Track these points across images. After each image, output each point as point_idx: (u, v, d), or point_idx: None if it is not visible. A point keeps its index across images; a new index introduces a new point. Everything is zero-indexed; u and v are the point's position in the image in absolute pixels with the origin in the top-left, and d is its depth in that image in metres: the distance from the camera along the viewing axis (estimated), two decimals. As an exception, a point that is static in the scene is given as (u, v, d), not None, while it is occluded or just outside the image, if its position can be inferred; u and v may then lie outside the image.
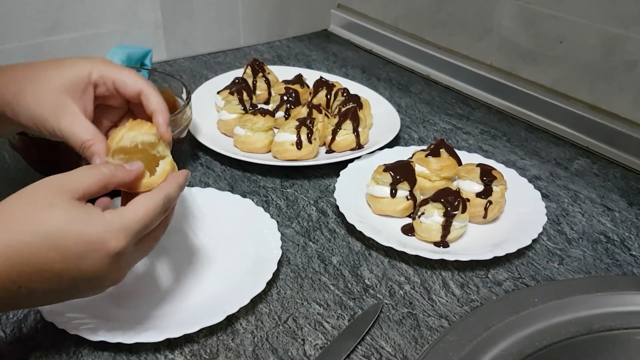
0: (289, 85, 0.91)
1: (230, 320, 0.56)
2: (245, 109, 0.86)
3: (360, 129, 0.81)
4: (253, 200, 0.71)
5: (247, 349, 0.53)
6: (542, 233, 0.67)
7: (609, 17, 0.81)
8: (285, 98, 0.88)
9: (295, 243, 0.67)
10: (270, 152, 0.81)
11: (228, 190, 0.73)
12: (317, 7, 1.29)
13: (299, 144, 0.77)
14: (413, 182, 0.70)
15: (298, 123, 0.78)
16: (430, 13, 1.09)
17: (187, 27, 1.13)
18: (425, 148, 0.75)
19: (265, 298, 0.59)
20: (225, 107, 0.86)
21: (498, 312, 0.54)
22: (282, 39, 1.26)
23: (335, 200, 0.70)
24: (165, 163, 0.52)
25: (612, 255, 0.66)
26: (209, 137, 0.84)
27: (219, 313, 0.54)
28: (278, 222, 0.67)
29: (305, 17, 1.28)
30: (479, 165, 0.70)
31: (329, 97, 0.90)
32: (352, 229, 0.67)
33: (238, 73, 0.99)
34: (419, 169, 0.72)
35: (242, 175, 0.79)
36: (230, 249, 0.64)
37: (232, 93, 0.87)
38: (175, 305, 0.57)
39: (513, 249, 0.63)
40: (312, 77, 0.96)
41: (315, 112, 0.82)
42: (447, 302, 0.59)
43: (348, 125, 0.81)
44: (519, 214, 0.69)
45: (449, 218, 0.64)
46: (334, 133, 0.81)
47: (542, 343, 0.52)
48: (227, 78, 0.97)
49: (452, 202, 0.64)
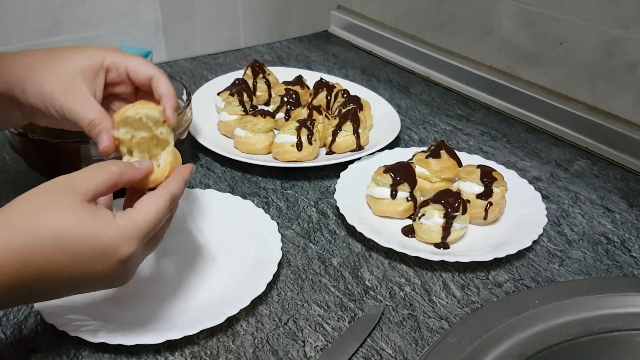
0: (289, 87, 0.91)
1: (231, 322, 0.56)
2: (246, 110, 0.86)
3: (361, 130, 0.81)
4: (253, 202, 0.71)
5: (247, 351, 0.53)
6: (542, 234, 0.67)
7: (609, 18, 0.81)
8: (286, 99, 0.88)
9: (296, 244, 0.67)
10: (271, 153, 0.81)
11: (228, 192, 0.73)
12: (317, 8, 1.29)
13: (299, 145, 0.77)
14: (413, 183, 0.70)
15: (298, 124, 0.78)
16: (431, 14, 1.09)
17: (187, 28, 1.13)
18: (426, 149, 0.75)
19: (266, 299, 0.59)
20: (226, 108, 0.86)
21: (498, 313, 0.53)
22: (282, 40, 1.26)
23: (336, 202, 0.70)
24: (168, 154, 0.53)
25: (612, 257, 0.66)
26: (209, 138, 0.84)
27: (220, 314, 0.54)
28: (278, 223, 0.67)
29: (306, 18, 1.28)
30: (479, 167, 0.70)
31: (329, 98, 0.90)
32: (352, 230, 0.67)
33: (238, 74, 0.99)
34: (419, 170, 0.72)
35: (242, 177, 0.79)
36: (231, 251, 0.64)
37: (232, 94, 0.87)
38: (176, 307, 0.57)
39: (513, 251, 0.63)
40: (312, 78, 0.96)
41: (316, 113, 0.82)
42: (447, 303, 0.59)
43: (348, 127, 0.81)
44: (519, 215, 0.69)
45: (450, 219, 0.64)
46: (334, 134, 0.81)
47: (542, 345, 0.52)
48: (227, 79, 0.97)
49: (452, 203, 0.64)
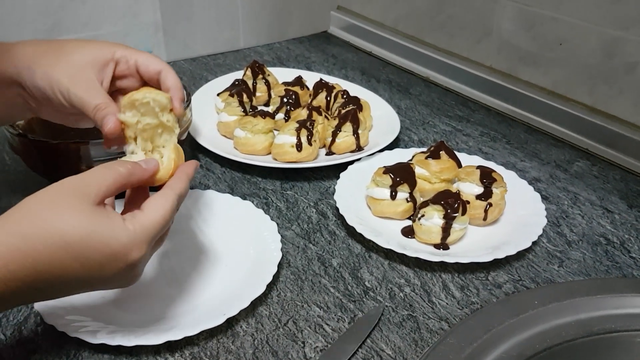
0: (289, 87, 0.91)
1: (231, 323, 0.56)
2: (245, 111, 0.86)
3: (360, 131, 0.81)
4: (253, 202, 0.71)
5: (247, 352, 0.53)
6: (542, 235, 0.67)
7: (609, 19, 0.81)
8: (285, 100, 0.88)
9: (296, 245, 0.67)
10: (270, 154, 0.81)
11: (228, 192, 0.73)
12: (316, 8, 1.29)
13: (299, 146, 0.77)
14: (413, 184, 0.70)
15: (298, 125, 0.78)
16: (430, 15, 1.09)
17: (186, 28, 1.13)
18: (425, 150, 0.75)
19: (266, 300, 0.59)
20: (225, 109, 0.86)
21: (498, 314, 0.53)
22: (281, 41, 1.26)
23: (335, 202, 0.70)
24: (171, 150, 0.53)
25: (612, 258, 0.66)
26: (209, 139, 0.84)
27: (219, 315, 0.54)
28: (278, 224, 0.67)
29: (305, 18, 1.28)
30: (479, 168, 0.70)
31: (329, 99, 0.90)
32: (352, 231, 0.67)
33: (238, 75, 0.99)
34: (419, 171, 0.72)
35: (242, 177, 0.79)
36: (230, 251, 0.64)
37: (232, 95, 0.87)
38: (176, 308, 0.57)
39: (513, 251, 0.63)
40: (312, 79, 0.96)
41: (315, 114, 0.82)
42: (447, 304, 0.59)
43: (348, 127, 0.81)
44: (519, 216, 0.69)
45: (449, 220, 0.64)
46: (334, 135, 0.81)
47: (542, 345, 0.52)
48: (227, 80, 0.97)
49: (452, 204, 0.64)
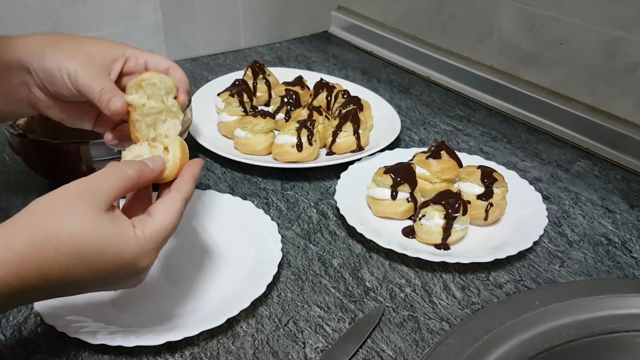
0: (290, 87, 0.91)
1: (231, 323, 0.56)
2: (246, 111, 0.86)
3: (361, 131, 0.81)
4: (253, 203, 0.71)
5: (247, 352, 0.53)
6: (543, 235, 0.67)
7: (610, 19, 0.81)
8: (286, 100, 0.88)
9: (296, 245, 0.67)
10: (271, 154, 0.81)
11: (228, 193, 0.73)
12: (317, 8, 1.29)
13: (300, 146, 0.77)
14: (414, 184, 0.69)
15: (298, 125, 0.78)
16: (431, 15, 1.09)
17: (187, 29, 1.13)
18: (426, 150, 0.75)
19: (266, 301, 0.59)
20: (226, 109, 0.86)
21: (499, 314, 0.53)
22: (282, 41, 1.26)
23: (336, 203, 0.69)
24: (176, 148, 0.52)
25: (613, 258, 0.66)
26: (209, 139, 0.84)
27: (219, 316, 0.54)
28: (278, 224, 0.66)
29: (306, 18, 1.28)
30: (480, 167, 0.70)
31: (330, 98, 0.90)
32: (352, 231, 0.67)
33: (238, 75, 0.99)
34: (420, 171, 0.72)
35: (242, 178, 0.79)
36: (231, 252, 0.64)
37: (232, 95, 0.87)
38: (176, 308, 0.57)
39: (514, 252, 0.63)
40: (312, 78, 0.96)
41: (316, 114, 0.82)
42: (448, 304, 0.59)
43: (348, 127, 0.80)
44: (520, 216, 0.69)
45: (450, 220, 0.64)
46: (335, 135, 0.81)
47: (543, 346, 0.51)
48: (227, 80, 0.97)
49: (452, 204, 0.64)
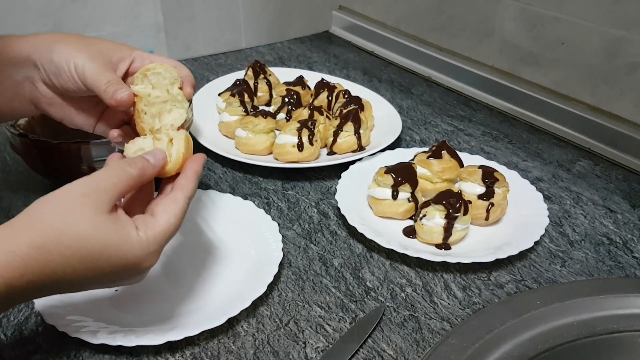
0: (290, 87, 0.91)
1: (232, 323, 0.56)
2: (247, 111, 0.86)
3: (362, 131, 0.81)
4: (254, 202, 0.71)
5: (248, 352, 0.53)
6: (544, 235, 0.67)
7: (611, 19, 0.81)
8: (287, 100, 0.88)
9: (297, 245, 0.67)
10: (272, 154, 0.80)
11: (229, 193, 0.73)
12: (318, 8, 1.29)
13: (300, 146, 0.77)
14: (415, 184, 0.69)
15: (299, 125, 0.78)
16: (432, 15, 1.09)
17: (188, 29, 1.13)
18: (427, 150, 0.75)
19: (267, 300, 0.59)
20: (227, 109, 0.86)
21: (500, 314, 0.53)
22: (283, 41, 1.26)
23: (337, 202, 0.69)
24: (180, 142, 0.52)
25: (614, 258, 0.65)
26: (210, 139, 0.84)
27: (220, 316, 0.54)
28: (279, 224, 0.66)
29: (307, 18, 1.28)
30: (481, 167, 0.70)
31: (330, 98, 0.90)
32: (353, 231, 0.67)
33: (239, 75, 0.99)
34: (421, 171, 0.72)
35: (243, 177, 0.79)
36: (231, 251, 0.64)
37: (233, 95, 0.87)
38: (176, 308, 0.57)
39: (515, 251, 0.62)
40: (313, 78, 0.96)
41: (317, 113, 0.82)
42: (449, 304, 0.59)
43: (349, 127, 0.80)
44: (521, 216, 0.69)
45: (451, 220, 0.64)
46: (336, 135, 0.81)
47: (544, 346, 0.51)
48: (228, 80, 0.97)
49: (453, 204, 0.64)
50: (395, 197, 0.68)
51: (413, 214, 0.69)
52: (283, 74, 1.00)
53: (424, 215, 0.65)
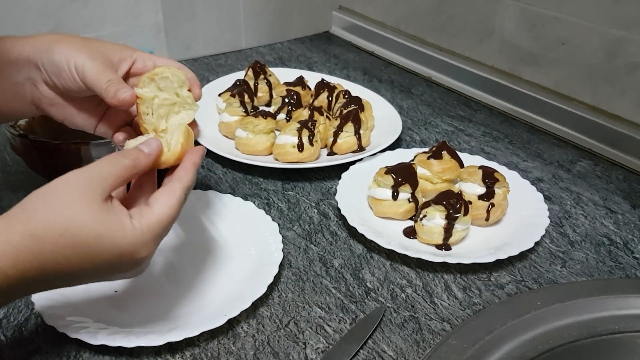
0: (291, 87, 0.91)
1: (232, 324, 0.55)
2: (247, 111, 0.86)
3: (362, 131, 0.81)
4: (254, 203, 0.70)
5: (248, 353, 0.53)
6: (544, 236, 0.67)
7: (611, 19, 0.81)
8: (287, 100, 0.88)
9: (297, 246, 0.67)
10: (272, 154, 0.80)
11: (229, 193, 0.73)
12: (318, 9, 1.29)
13: (301, 146, 0.77)
14: (415, 184, 0.69)
15: (299, 125, 0.78)
16: (432, 15, 1.09)
17: (188, 29, 1.13)
18: (427, 150, 0.75)
19: (267, 301, 0.59)
20: (227, 109, 0.86)
21: (500, 315, 0.53)
22: (283, 41, 1.26)
23: (337, 203, 0.69)
24: (180, 133, 0.53)
25: (615, 258, 0.65)
26: (210, 139, 0.84)
27: (220, 316, 0.54)
28: (279, 224, 0.66)
29: (307, 19, 1.28)
30: (481, 168, 0.70)
31: (331, 99, 0.90)
32: (353, 232, 0.67)
33: (239, 75, 0.99)
34: (421, 171, 0.72)
35: (243, 178, 0.79)
36: (232, 252, 0.64)
37: (233, 95, 0.87)
38: (176, 309, 0.57)
39: (515, 252, 0.62)
40: (313, 79, 0.96)
41: (317, 114, 0.82)
42: (449, 305, 0.59)
43: (349, 128, 0.80)
44: (522, 217, 0.69)
45: (451, 221, 0.64)
46: (336, 135, 0.81)
47: (544, 346, 0.51)
48: (228, 80, 0.97)
49: (454, 204, 0.64)
50: (396, 197, 0.68)
51: (413, 215, 0.69)
52: (283, 74, 1.00)
53: (424, 216, 0.65)
